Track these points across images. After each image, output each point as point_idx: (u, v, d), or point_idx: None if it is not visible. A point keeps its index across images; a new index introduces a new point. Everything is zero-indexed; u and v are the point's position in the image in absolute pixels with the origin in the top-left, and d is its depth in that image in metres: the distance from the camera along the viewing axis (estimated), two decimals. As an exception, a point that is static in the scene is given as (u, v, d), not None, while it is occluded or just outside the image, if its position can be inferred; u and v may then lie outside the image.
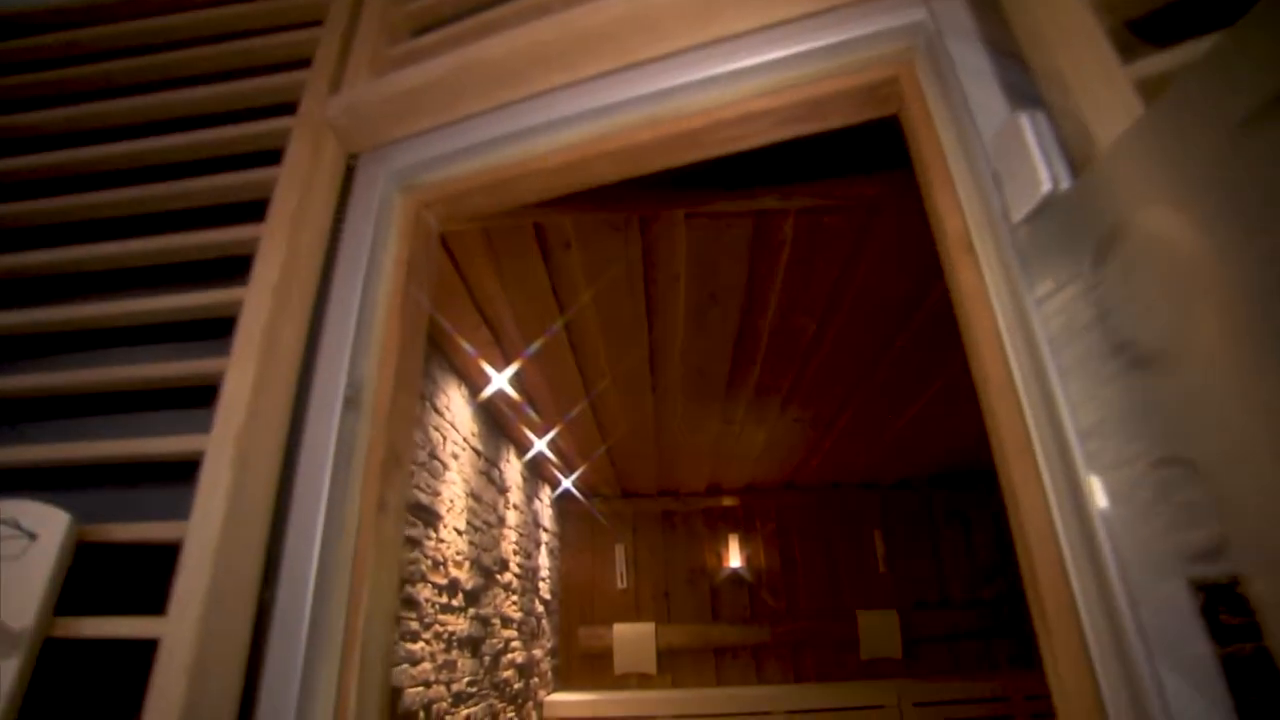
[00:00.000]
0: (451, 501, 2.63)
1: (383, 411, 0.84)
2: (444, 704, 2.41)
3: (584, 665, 4.93)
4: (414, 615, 2.18)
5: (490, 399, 3.14)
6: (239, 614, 0.68)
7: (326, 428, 0.78)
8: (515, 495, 3.82)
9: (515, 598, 3.70)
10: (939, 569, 5.18)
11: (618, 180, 0.94)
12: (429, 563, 2.35)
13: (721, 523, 5.27)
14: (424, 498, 2.33)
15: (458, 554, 2.67)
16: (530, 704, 3.96)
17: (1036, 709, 4.21)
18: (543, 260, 2.07)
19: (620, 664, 4.87)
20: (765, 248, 2.07)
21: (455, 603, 2.61)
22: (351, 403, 0.81)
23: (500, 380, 2.87)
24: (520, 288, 2.21)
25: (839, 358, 2.86)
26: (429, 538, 2.37)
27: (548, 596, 4.58)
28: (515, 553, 3.74)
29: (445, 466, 2.58)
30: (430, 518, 2.38)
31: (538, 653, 4.21)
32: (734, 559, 5.11)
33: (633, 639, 4.90)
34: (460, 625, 2.67)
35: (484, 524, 3.13)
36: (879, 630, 4.88)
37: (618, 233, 1.94)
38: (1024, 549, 0.57)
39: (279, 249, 0.81)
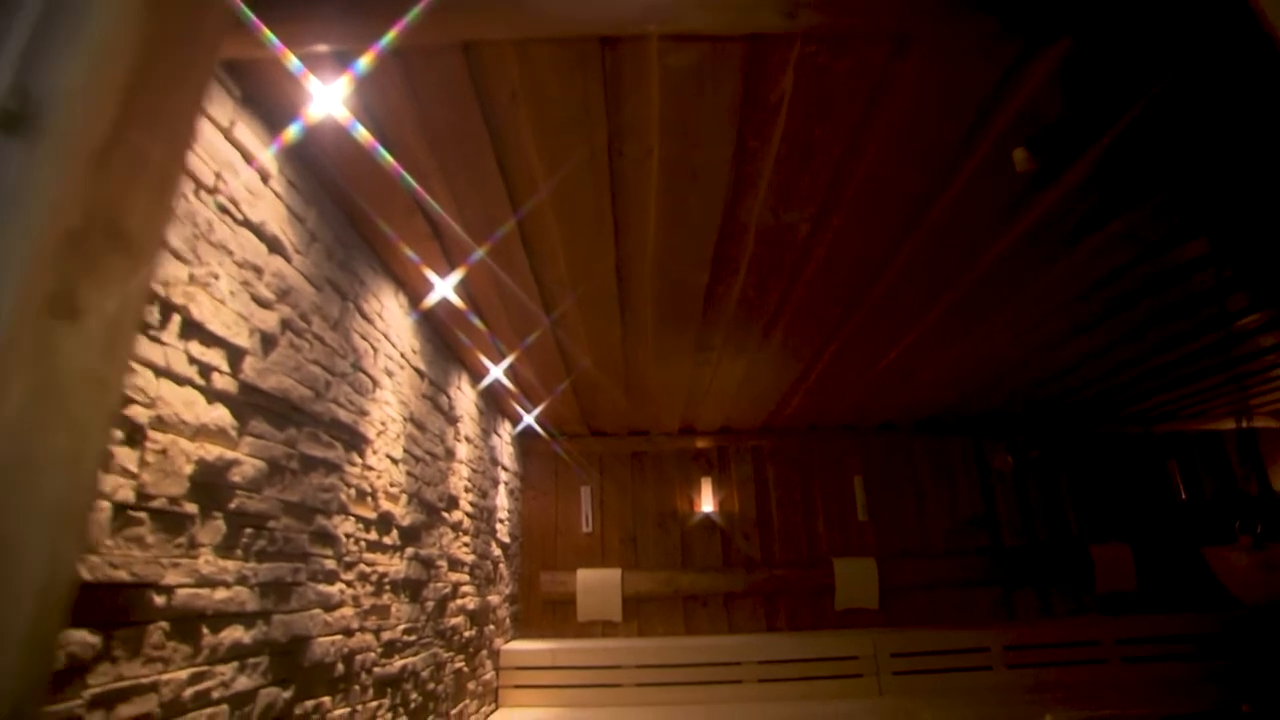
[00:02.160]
0: (384, 425, 2.26)
1: (88, 150, 0.46)
2: (372, 654, 2.08)
3: (545, 612, 4.67)
4: (330, 553, 1.83)
5: (436, 314, 2.75)
6: None
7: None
8: (468, 427, 3.47)
9: (467, 539, 3.37)
10: (920, 517, 4.97)
11: None
12: (351, 492, 1.99)
13: (694, 465, 4.99)
14: (345, 415, 1.96)
15: (392, 485, 2.31)
16: (484, 653, 3.68)
17: (1014, 659, 4.05)
18: (482, 117, 1.66)
19: (584, 611, 4.62)
20: (757, 111, 1.68)
21: (388, 540, 2.27)
22: (12, 122, 0.43)
23: (444, 288, 2.47)
24: (458, 154, 1.80)
25: (833, 270, 2.51)
26: (352, 463, 2.00)
27: (507, 540, 4.27)
28: (467, 490, 3.40)
29: (375, 383, 2.21)
30: (354, 440, 2.02)
31: (494, 599, 3.92)
32: (706, 503, 4.84)
33: (597, 585, 4.64)
34: (395, 566, 2.33)
35: (427, 455, 2.77)
36: (856, 579, 4.67)
37: (574, 76, 1.54)
38: None
39: None
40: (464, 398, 3.40)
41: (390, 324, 2.36)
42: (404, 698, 2.34)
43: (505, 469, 4.32)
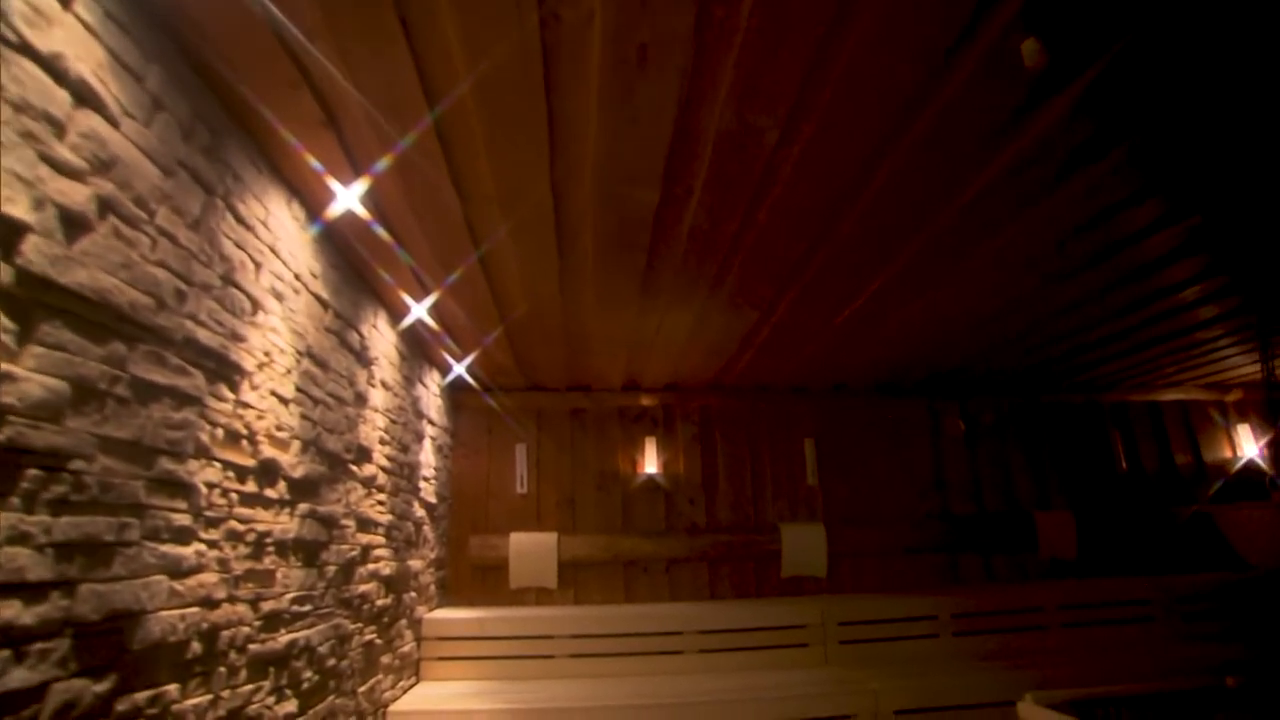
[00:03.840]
0: (268, 356, 1.87)
1: None
2: (247, 628, 1.73)
3: (475, 579, 4.36)
4: (182, 504, 1.46)
5: (341, 232, 2.35)
6: None
7: None
8: (387, 372, 3.08)
9: (382, 496, 3.01)
10: (871, 483, 4.82)
11: None
12: (218, 433, 1.61)
13: (637, 424, 4.70)
14: (208, 336, 1.57)
15: (279, 429, 1.94)
16: (403, 623, 3.35)
17: (961, 627, 3.94)
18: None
19: (517, 578, 4.32)
20: (731, -36, 1.36)
21: (273, 493, 1.90)
22: None
23: (348, 198, 2.08)
24: (352, 11, 1.42)
25: (801, 193, 2.21)
26: (220, 397, 1.62)
27: (432, 500, 3.92)
28: (384, 443, 3.03)
29: (257, 305, 1.82)
30: (222, 369, 1.63)
31: (416, 563, 3.58)
32: (650, 465, 4.57)
33: (531, 550, 4.34)
34: (283, 524, 1.97)
35: (331, 398, 2.39)
36: (804, 545, 4.50)
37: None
38: None
39: None
40: (381, 338, 3.00)
41: (280, 237, 1.96)
42: (293, 677, 2.00)
43: (432, 423, 3.95)
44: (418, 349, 3.67)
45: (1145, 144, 2.04)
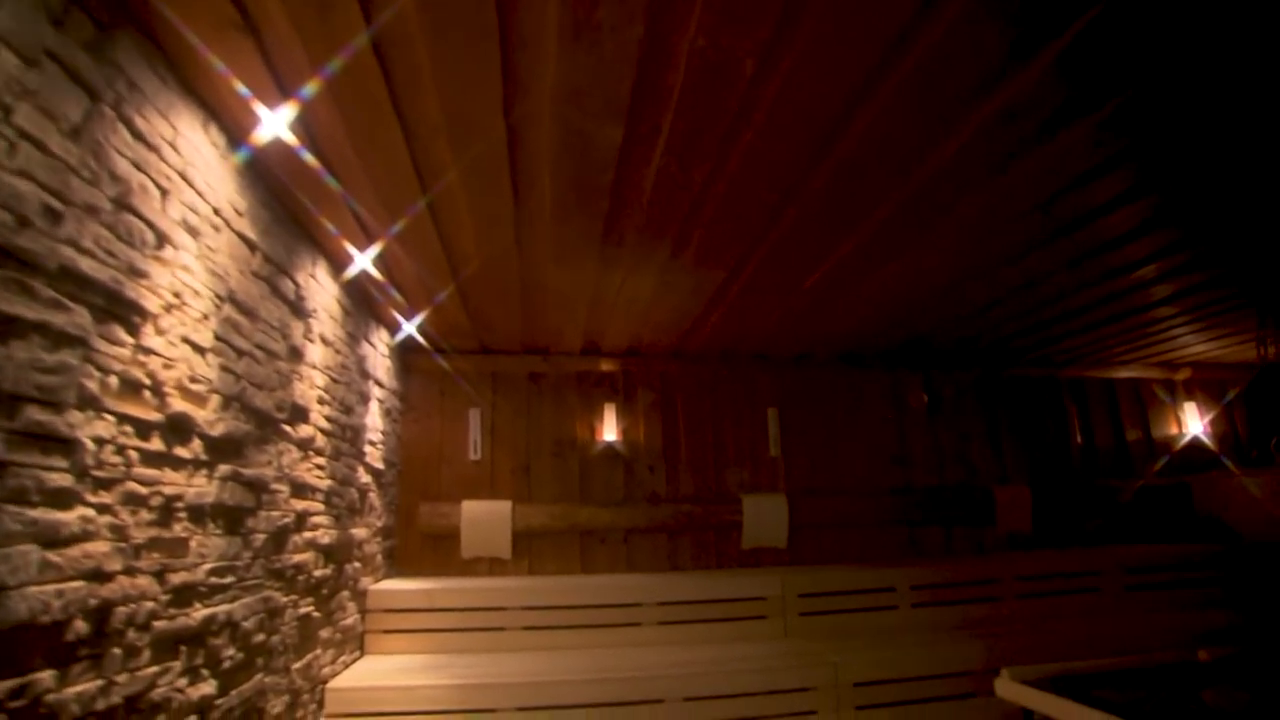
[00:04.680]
0: (178, 297, 1.64)
1: None
2: (151, 604, 1.52)
3: (425, 548, 4.18)
4: (60, 462, 1.25)
5: (270, 165, 2.10)
6: None
7: None
8: (327, 327, 2.85)
9: (321, 460, 2.80)
10: (833, 454, 4.75)
11: None
12: (111, 381, 1.39)
13: (597, 390, 4.53)
14: (95, 268, 1.34)
15: (193, 380, 1.72)
16: (346, 594, 3.15)
17: (922, 598, 3.92)
18: None
19: (469, 547, 4.15)
20: None
21: (184, 452, 1.68)
22: None
23: (274, 123, 1.84)
24: None
25: (777, 135, 2.04)
26: (112, 340, 1.40)
27: (379, 465, 3.71)
28: (323, 402, 2.81)
29: (164, 238, 1.58)
30: (115, 306, 1.41)
31: (360, 532, 3.38)
32: (609, 432, 4.42)
33: (485, 519, 4.17)
34: (198, 487, 1.75)
35: (259, 350, 2.16)
36: (765, 516, 4.42)
37: None
38: None
39: None
40: (320, 290, 2.76)
41: (195, 164, 1.72)
42: (212, 656, 1.80)
43: (380, 384, 3.71)
44: (363, 304, 3.42)
45: (1125, 109, 1.95)
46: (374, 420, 3.61)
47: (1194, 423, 5.37)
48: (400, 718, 2.84)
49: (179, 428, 1.65)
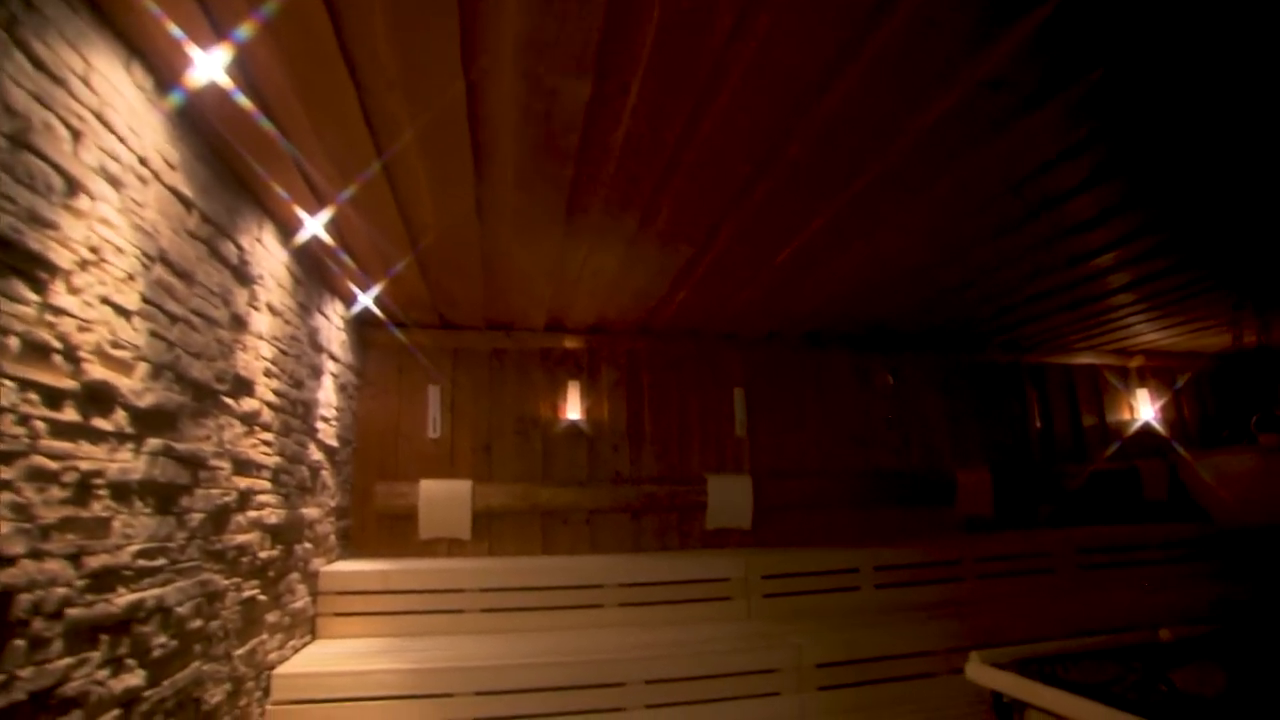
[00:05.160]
0: (96, 253, 1.49)
1: None
2: (64, 589, 1.39)
3: (382, 529, 4.04)
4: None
5: (205, 115, 1.93)
6: None
7: None
8: (275, 296, 2.68)
9: (268, 436, 2.65)
10: (799, 435, 4.73)
11: None
12: (10, 342, 1.24)
13: (561, 368, 4.42)
14: (-7, 215, 1.19)
15: (115, 346, 1.57)
16: (295, 576, 3.02)
17: (885, 579, 3.93)
18: None
19: (427, 528, 4.03)
20: None
21: (104, 424, 1.54)
22: None
23: (208, 65, 1.68)
24: None
25: (750, 105, 1.94)
26: (10, 296, 1.25)
27: (333, 442, 3.56)
28: (270, 375, 2.65)
29: (76, 185, 1.42)
30: (10, 258, 1.25)
31: (312, 512, 3.23)
32: (573, 410, 4.32)
33: (444, 498, 4.05)
34: (122, 462, 1.61)
35: (196, 316, 2.01)
36: (730, 497, 4.37)
37: None
38: None
39: None
40: (268, 256, 2.60)
41: (115, 106, 1.56)
42: (139, 644, 1.67)
43: (334, 358, 3.55)
44: (316, 273, 3.25)
45: (1098, 89, 1.92)
46: (327, 395, 3.45)
47: (1146, 409, 5.49)
48: (352, 704, 2.73)
49: (99, 397, 1.51)
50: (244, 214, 2.36)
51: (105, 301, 1.52)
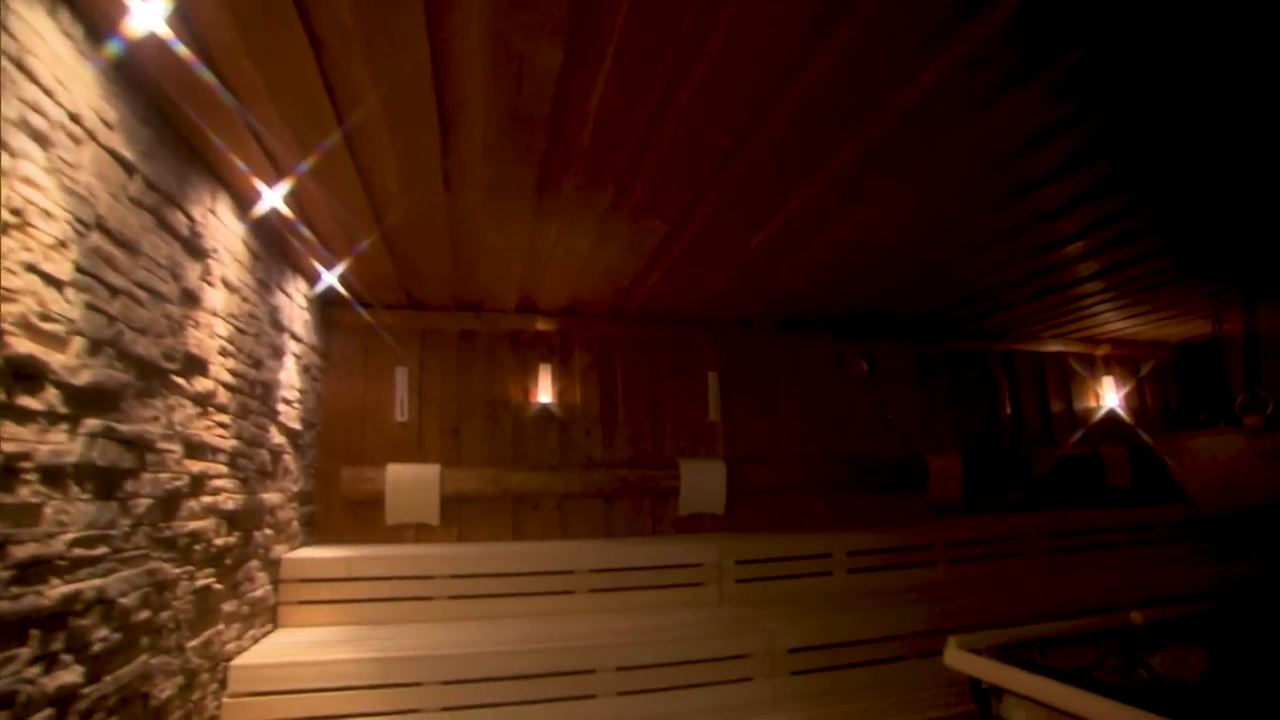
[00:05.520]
0: (19, 215, 1.37)
1: None
2: (-11, 579, 1.28)
3: (347, 515, 3.93)
4: None
5: (151, 75, 1.80)
6: None
7: None
8: (231, 271, 2.55)
9: (224, 418, 2.53)
10: (773, 420, 4.70)
11: None
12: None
13: (532, 350, 4.33)
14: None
15: (43, 317, 1.45)
16: (255, 564, 2.90)
17: (857, 564, 3.93)
18: None
19: (394, 513, 3.93)
20: None
21: (31, 403, 1.42)
22: None
23: (144, 11, 1.55)
24: None
25: (729, 75, 1.87)
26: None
27: (296, 426, 3.43)
28: (227, 354, 2.53)
29: (-1, 142, 1.30)
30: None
31: (273, 497, 3.11)
32: (544, 394, 4.23)
33: (411, 483, 3.94)
34: (54, 444, 1.50)
35: (141, 290, 1.89)
36: (703, 482, 4.33)
37: None
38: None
39: None
40: (223, 229, 2.46)
41: (37, 54, 1.43)
42: (77, 638, 1.57)
43: (297, 339, 3.42)
44: (276, 249, 3.11)
45: (1082, 66, 1.88)
46: (289, 377, 3.32)
47: (1110, 396, 5.57)
48: (313, 695, 2.64)
49: (25, 373, 1.39)
50: (195, 183, 2.23)
51: (31, 269, 1.40)
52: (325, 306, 3.94)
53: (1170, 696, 1.50)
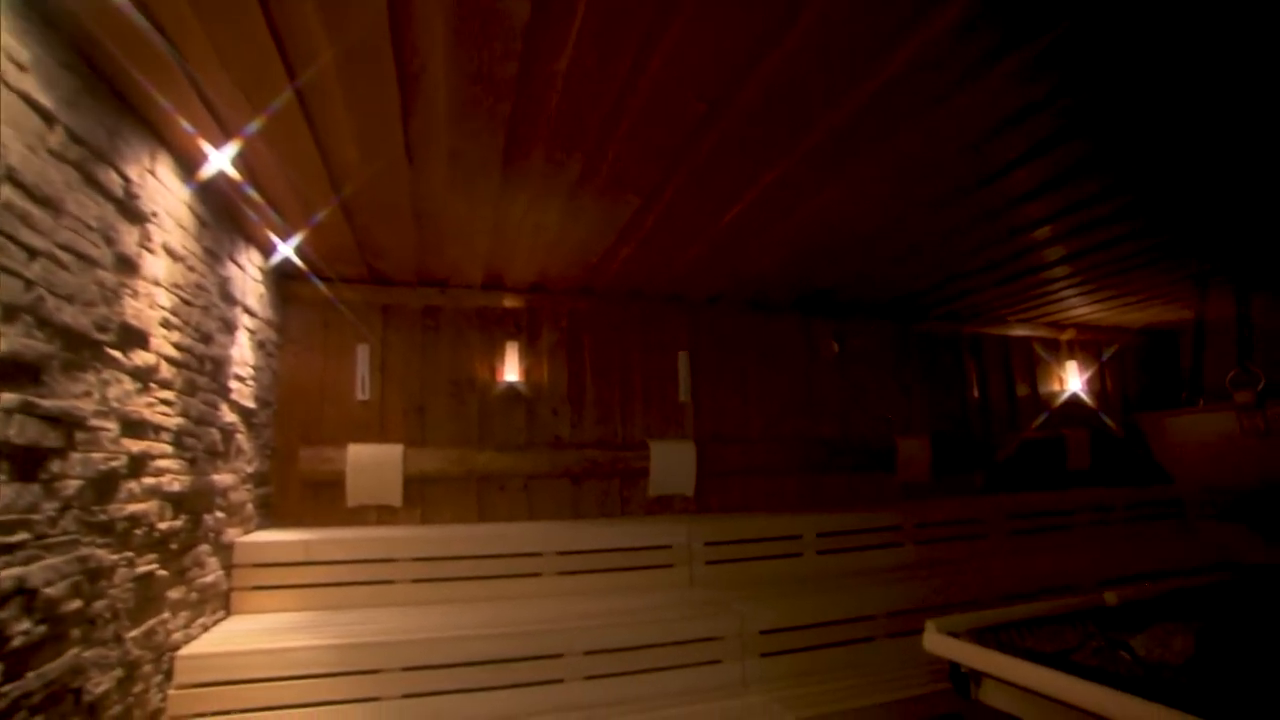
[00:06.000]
0: (-81, 165, 1.22)
1: None
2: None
3: (306, 497, 3.78)
4: None
5: (73, 13, 1.64)
6: None
7: None
8: (175, 237, 2.39)
9: (168, 394, 2.37)
10: (744, 400, 4.65)
11: None
12: None
13: (499, 327, 4.20)
14: None
15: (-51, 281, 1.30)
16: (204, 549, 2.76)
17: (827, 545, 3.91)
18: None
19: (355, 495, 3.79)
20: None
21: (-63, 375, 1.28)
22: None
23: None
24: None
25: (705, 36, 1.77)
26: None
27: (250, 404, 3.27)
28: (170, 326, 2.37)
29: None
30: None
31: (225, 478, 2.97)
32: (511, 372, 4.12)
33: (373, 464, 3.81)
34: (-35, 421, 1.35)
35: (66, 253, 1.73)
36: (673, 463, 4.27)
37: None
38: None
39: None
40: (164, 191, 2.30)
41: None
42: (-5, 631, 1.44)
43: (251, 313, 3.25)
44: (227, 217, 2.93)
45: (1059, 44, 1.82)
46: (242, 352, 3.16)
47: (1074, 380, 5.65)
48: (266, 684, 2.52)
49: (-72, 341, 1.25)
50: (130, 139, 2.06)
51: (-68, 225, 1.25)
52: (281, 279, 3.76)
53: (1153, 679, 1.48)
